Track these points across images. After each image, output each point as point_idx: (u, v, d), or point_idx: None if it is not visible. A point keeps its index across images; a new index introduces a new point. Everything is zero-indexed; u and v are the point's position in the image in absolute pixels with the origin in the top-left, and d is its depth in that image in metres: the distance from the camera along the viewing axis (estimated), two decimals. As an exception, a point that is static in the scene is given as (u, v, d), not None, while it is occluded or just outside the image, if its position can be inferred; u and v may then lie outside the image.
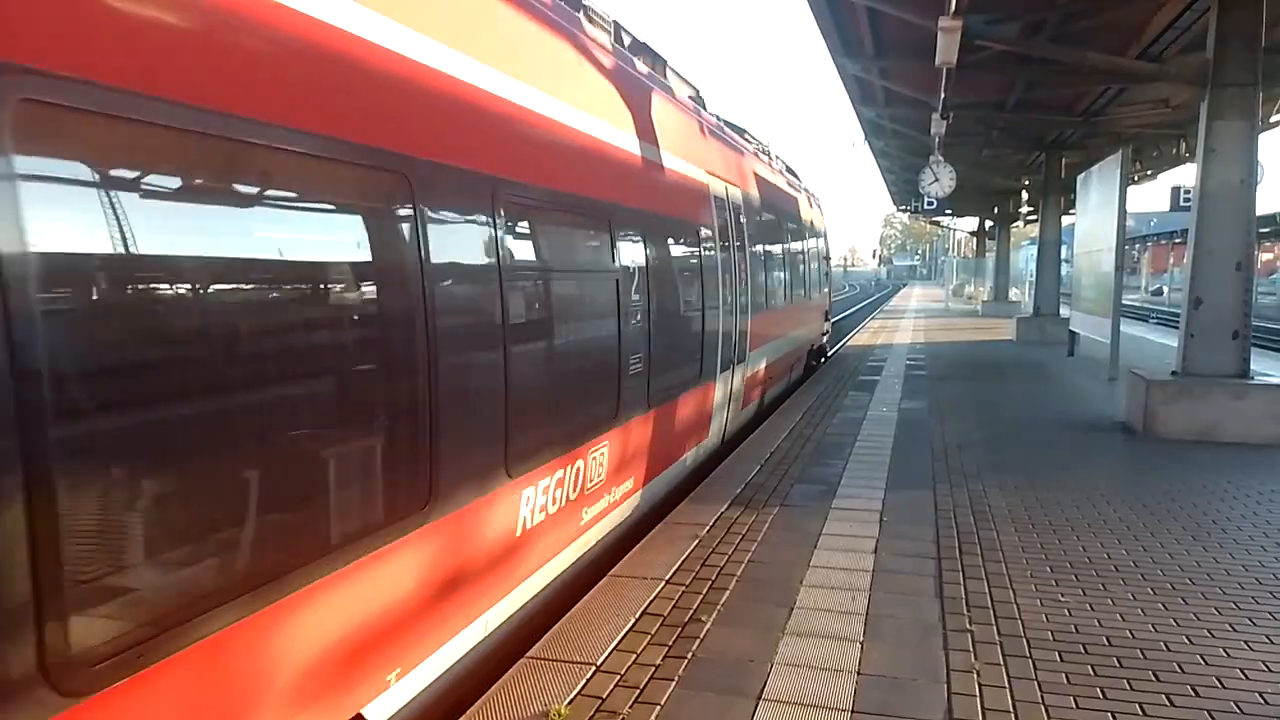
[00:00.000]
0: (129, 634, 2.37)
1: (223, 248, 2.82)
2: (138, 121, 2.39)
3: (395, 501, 3.56)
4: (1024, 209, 34.83)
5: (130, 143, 2.43)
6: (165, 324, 2.60)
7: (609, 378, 5.96)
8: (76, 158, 2.30)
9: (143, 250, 2.48)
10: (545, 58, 5.30)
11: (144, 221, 2.47)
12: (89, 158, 2.32)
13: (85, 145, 2.31)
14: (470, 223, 4.22)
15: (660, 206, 7.28)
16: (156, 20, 2.48)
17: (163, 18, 2.50)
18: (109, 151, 2.38)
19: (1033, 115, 20.58)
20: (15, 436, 2.04)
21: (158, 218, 2.57)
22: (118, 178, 2.45)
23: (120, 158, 2.43)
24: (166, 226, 2.60)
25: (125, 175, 2.47)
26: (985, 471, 8.39)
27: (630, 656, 4.49)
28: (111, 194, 2.38)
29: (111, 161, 2.40)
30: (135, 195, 2.49)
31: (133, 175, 2.49)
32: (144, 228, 2.46)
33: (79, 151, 2.29)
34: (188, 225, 2.70)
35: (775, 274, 12.48)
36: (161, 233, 2.57)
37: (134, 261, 2.47)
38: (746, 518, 6.89)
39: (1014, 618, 4.95)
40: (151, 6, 2.47)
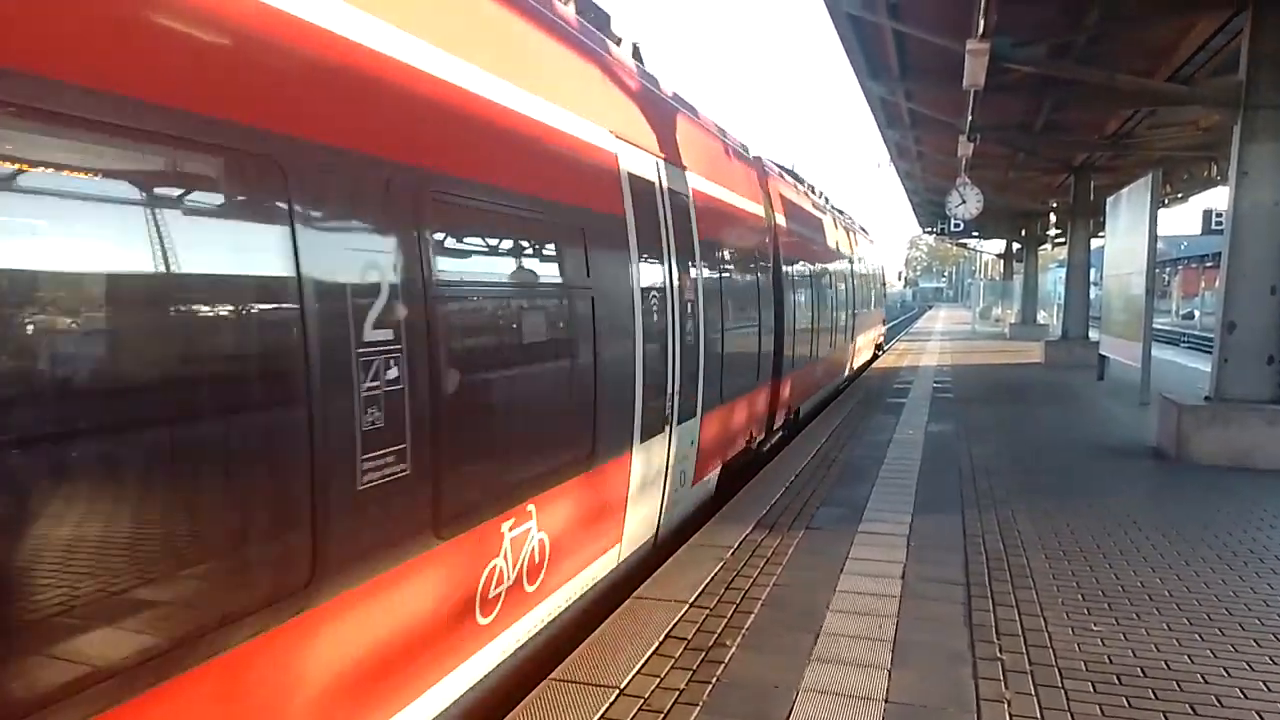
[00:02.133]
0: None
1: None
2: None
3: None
4: (1052, 231, 34.49)
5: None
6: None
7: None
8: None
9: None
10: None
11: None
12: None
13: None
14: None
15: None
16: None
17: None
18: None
19: (1060, 138, 20.44)
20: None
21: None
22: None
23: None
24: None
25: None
26: (1014, 496, 8.28)
27: (654, 680, 4.44)
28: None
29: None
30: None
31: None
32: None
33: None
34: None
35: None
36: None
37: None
38: (771, 541, 6.82)
39: (1045, 646, 4.85)
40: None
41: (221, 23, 2.64)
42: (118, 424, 2.36)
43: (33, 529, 2.11)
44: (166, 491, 2.50)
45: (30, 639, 2.09)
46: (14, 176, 2.12)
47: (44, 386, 2.20)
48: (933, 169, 27.15)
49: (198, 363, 2.63)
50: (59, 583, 2.19)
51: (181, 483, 2.54)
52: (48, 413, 2.19)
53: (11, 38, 2.03)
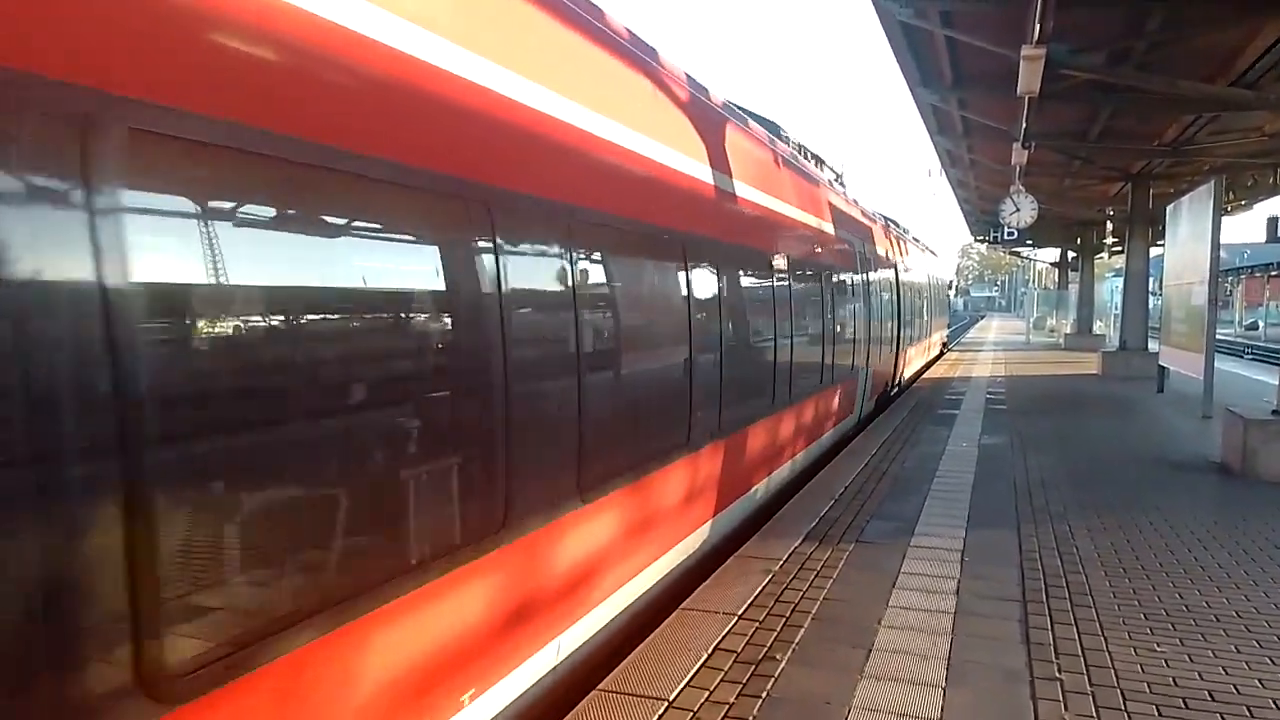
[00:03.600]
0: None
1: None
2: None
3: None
4: (1109, 240, 33.74)
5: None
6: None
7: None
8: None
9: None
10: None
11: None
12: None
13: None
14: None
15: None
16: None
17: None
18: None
19: (1118, 145, 20.02)
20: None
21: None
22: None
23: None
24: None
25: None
26: (1072, 511, 8.08)
27: (703, 693, 4.40)
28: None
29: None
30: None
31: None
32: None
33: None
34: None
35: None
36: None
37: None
38: (821, 554, 6.74)
39: (1106, 667, 4.72)
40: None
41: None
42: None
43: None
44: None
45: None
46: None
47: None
48: (985, 177, 26.74)
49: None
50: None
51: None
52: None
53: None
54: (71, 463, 2.05)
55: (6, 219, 1.93)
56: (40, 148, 1.99)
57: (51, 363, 2.01)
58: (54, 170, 2.02)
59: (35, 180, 1.99)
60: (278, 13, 2.63)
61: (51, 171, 2.02)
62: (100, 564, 2.12)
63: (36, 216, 2.00)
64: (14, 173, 1.94)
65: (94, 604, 2.10)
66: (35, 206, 2.00)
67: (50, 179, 2.02)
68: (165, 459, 2.26)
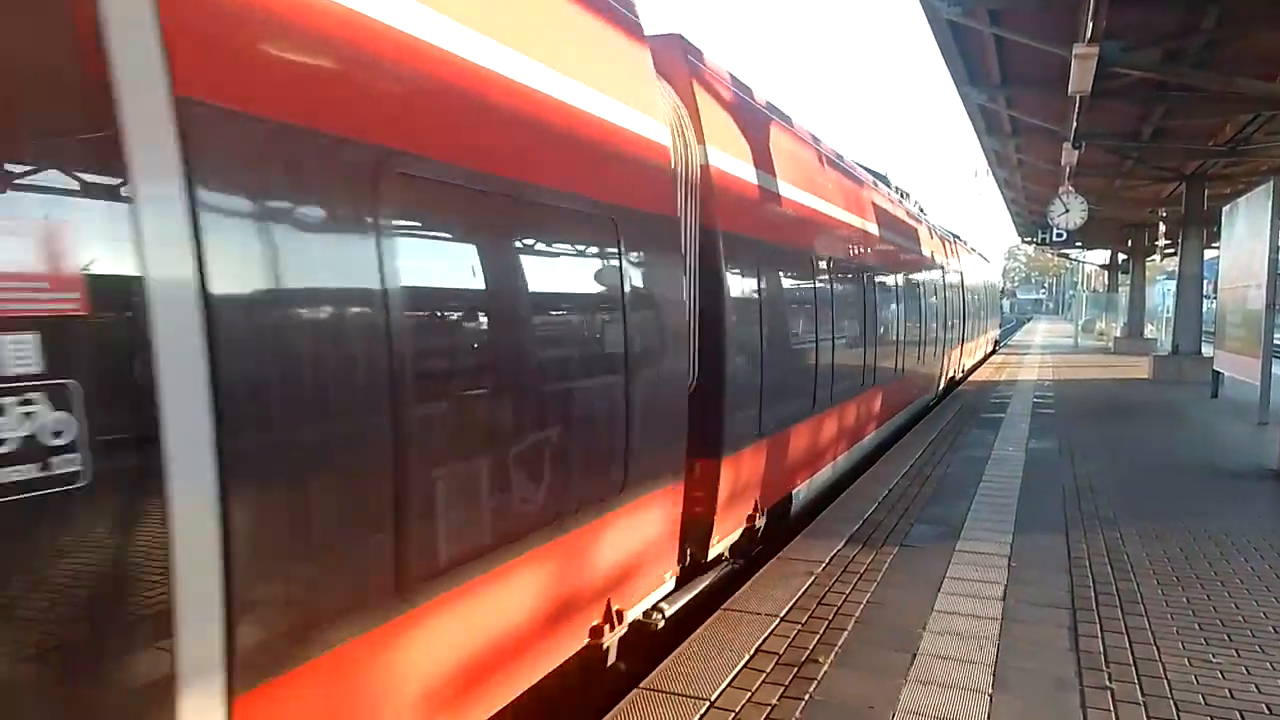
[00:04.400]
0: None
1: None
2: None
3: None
4: (1161, 242, 33.00)
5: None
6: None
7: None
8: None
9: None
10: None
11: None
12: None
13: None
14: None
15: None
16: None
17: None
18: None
19: (1171, 145, 19.54)
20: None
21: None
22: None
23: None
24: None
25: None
26: (1122, 518, 7.91)
27: (745, 694, 4.40)
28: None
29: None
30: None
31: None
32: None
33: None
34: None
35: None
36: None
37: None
38: (864, 557, 6.69)
39: (1159, 677, 4.62)
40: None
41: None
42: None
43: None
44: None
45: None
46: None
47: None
48: (1033, 177, 26.31)
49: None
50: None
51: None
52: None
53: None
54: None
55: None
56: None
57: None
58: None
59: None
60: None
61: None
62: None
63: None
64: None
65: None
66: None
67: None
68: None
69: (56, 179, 2.04)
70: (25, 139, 2.02)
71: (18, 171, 2.00)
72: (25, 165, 2.01)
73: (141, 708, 2.16)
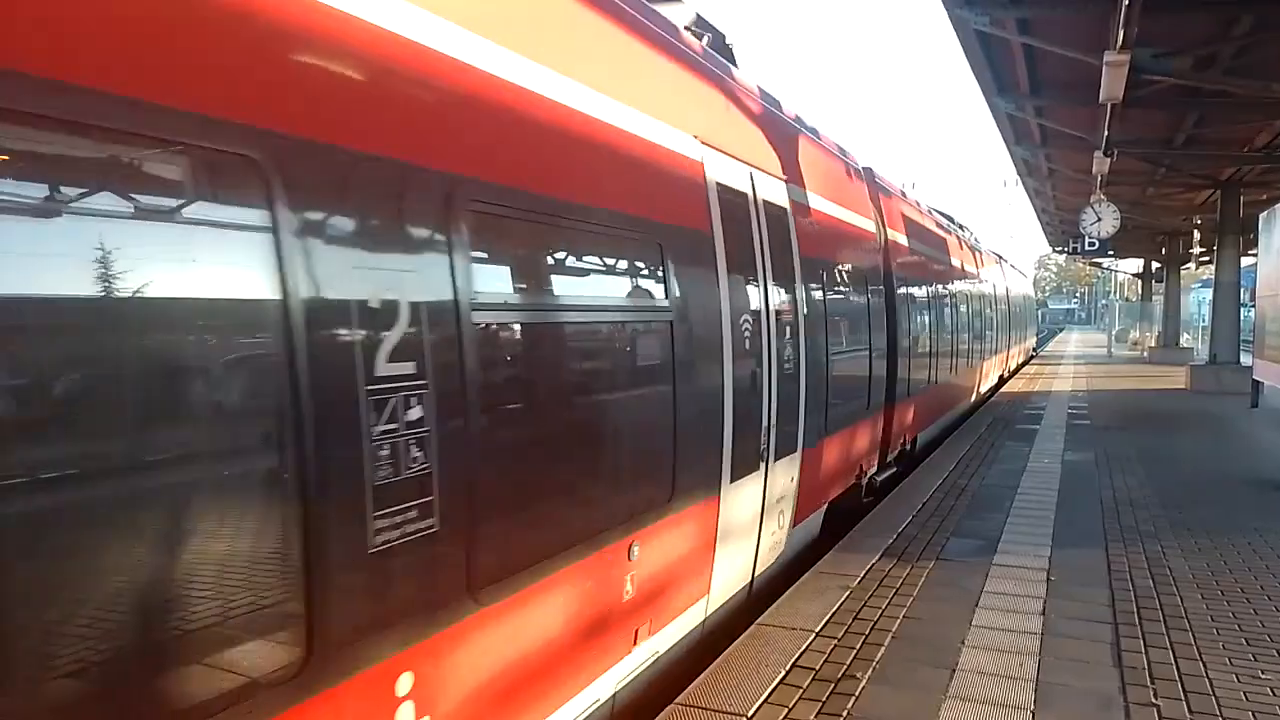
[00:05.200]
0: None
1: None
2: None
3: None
4: (1196, 250, 32.53)
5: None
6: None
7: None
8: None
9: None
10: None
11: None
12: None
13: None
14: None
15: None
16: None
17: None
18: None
19: (1206, 152, 19.33)
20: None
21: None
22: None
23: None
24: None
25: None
26: (1163, 531, 7.77)
27: (782, 710, 4.36)
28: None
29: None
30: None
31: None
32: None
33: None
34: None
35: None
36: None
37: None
38: (899, 571, 6.62)
39: (1206, 694, 4.52)
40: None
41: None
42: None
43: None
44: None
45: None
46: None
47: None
48: (1064, 186, 26.07)
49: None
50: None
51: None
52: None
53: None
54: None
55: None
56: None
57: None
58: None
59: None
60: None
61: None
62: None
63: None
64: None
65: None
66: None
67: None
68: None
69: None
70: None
71: None
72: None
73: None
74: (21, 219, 1.88)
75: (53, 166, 1.96)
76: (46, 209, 1.94)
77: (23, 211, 1.88)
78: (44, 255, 1.93)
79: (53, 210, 1.96)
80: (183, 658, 2.15)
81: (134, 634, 2.06)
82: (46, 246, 1.95)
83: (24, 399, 1.91)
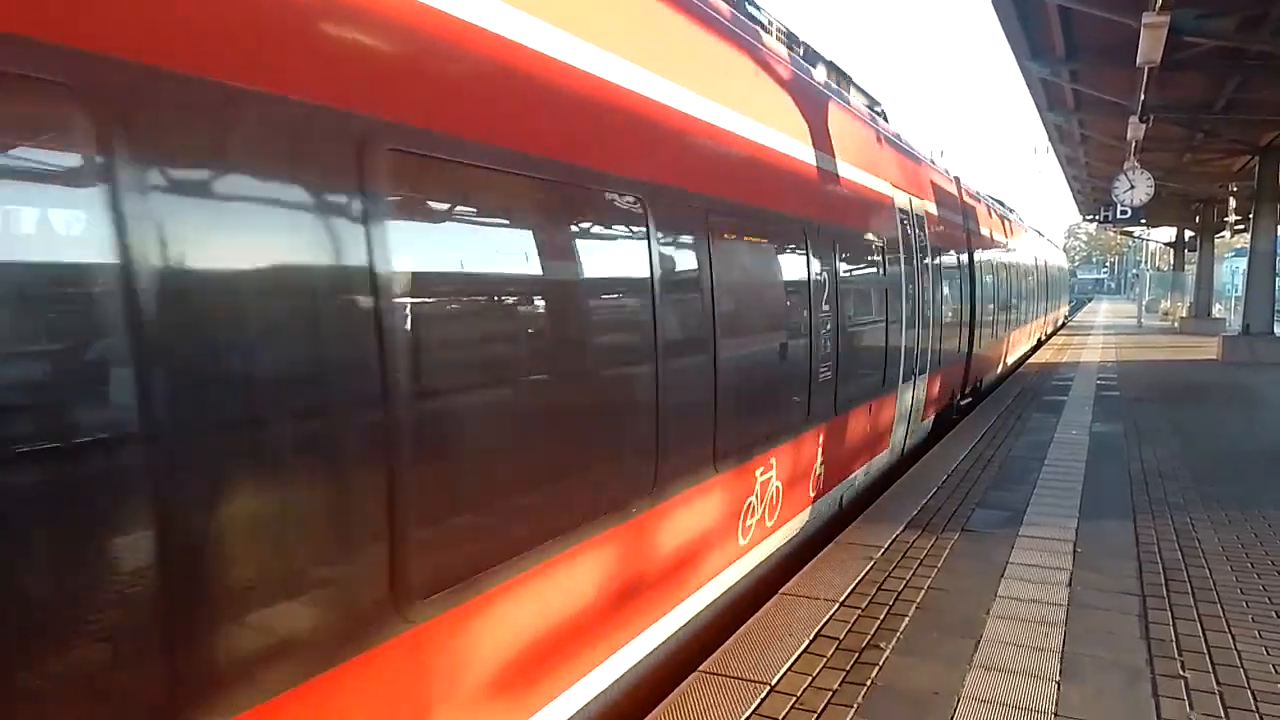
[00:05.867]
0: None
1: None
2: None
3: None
4: (1231, 218, 31.88)
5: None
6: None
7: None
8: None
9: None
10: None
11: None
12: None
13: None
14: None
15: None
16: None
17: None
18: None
19: (1246, 116, 18.84)
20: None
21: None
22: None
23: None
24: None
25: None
26: (1192, 504, 7.69)
27: (805, 679, 4.37)
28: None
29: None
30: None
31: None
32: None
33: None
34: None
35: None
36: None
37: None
38: (924, 542, 6.59)
39: (1235, 666, 4.49)
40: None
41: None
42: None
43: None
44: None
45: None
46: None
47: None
48: (1097, 153, 25.61)
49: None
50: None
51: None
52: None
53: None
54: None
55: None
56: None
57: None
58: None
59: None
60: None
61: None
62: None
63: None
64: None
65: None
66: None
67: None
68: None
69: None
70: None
71: None
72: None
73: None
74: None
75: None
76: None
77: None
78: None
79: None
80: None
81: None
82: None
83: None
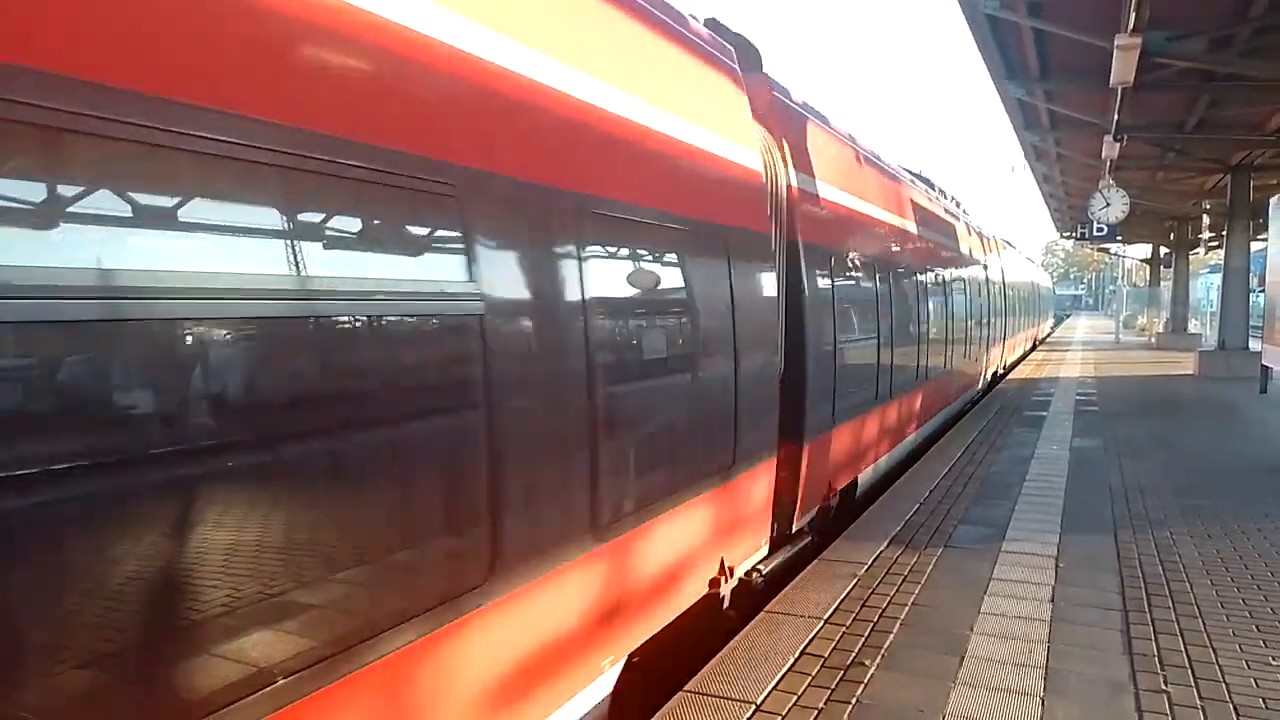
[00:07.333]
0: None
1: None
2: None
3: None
4: (1205, 235, 32.32)
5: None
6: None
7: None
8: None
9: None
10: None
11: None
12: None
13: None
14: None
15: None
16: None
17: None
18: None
19: (1217, 135, 19.15)
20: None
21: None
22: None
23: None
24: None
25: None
26: (1173, 518, 7.74)
27: (790, 698, 4.35)
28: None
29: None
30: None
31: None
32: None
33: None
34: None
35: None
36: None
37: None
38: (907, 558, 6.60)
39: (1217, 680, 4.51)
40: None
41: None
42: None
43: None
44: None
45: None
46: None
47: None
48: (1073, 171, 25.93)
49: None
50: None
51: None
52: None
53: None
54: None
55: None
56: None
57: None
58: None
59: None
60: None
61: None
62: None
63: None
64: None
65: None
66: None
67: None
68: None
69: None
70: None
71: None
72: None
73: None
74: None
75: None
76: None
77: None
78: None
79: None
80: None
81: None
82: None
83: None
